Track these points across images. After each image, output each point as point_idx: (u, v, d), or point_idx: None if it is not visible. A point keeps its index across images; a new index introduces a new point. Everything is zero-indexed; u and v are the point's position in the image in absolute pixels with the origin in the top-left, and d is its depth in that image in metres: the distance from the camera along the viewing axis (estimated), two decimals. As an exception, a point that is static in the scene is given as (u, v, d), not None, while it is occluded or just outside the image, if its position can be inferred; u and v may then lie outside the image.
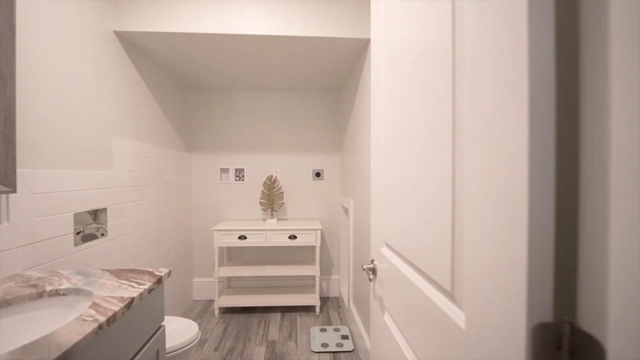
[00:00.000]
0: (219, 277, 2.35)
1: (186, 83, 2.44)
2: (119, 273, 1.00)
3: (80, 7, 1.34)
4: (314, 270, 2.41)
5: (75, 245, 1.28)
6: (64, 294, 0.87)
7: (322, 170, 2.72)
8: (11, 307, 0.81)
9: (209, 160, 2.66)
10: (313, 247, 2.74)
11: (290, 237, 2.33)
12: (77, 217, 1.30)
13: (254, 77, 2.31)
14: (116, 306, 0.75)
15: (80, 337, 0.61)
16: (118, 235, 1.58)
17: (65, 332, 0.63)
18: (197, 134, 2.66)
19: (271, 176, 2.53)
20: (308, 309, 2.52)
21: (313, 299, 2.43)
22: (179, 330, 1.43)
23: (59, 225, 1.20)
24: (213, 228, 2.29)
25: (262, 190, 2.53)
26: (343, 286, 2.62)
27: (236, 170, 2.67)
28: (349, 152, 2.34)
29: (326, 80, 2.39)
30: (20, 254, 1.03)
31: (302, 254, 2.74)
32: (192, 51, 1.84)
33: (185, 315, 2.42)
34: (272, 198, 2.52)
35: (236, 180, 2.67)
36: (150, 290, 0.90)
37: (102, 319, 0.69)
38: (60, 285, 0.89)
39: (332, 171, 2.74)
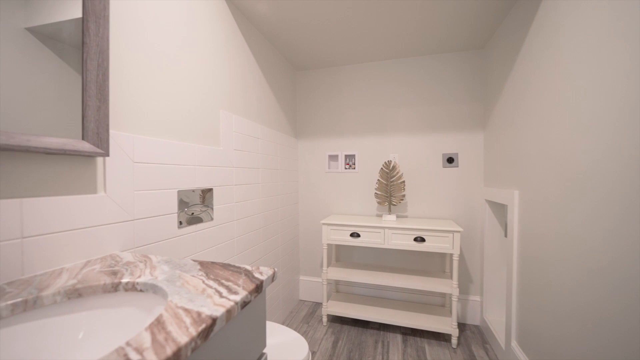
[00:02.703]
0: (328, 279, 2.02)
1: (293, 60, 2.23)
2: (210, 268, 0.71)
3: (188, -41, 1.18)
4: (448, 286, 1.79)
5: (180, 227, 1.11)
6: (141, 290, 0.61)
7: (457, 154, 2.06)
8: (81, 299, 0.59)
9: (316, 146, 2.39)
10: (445, 255, 2.10)
11: (416, 240, 1.79)
12: (182, 195, 1.13)
13: (368, 41, 1.88)
14: (185, 334, 0.42)
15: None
16: (224, 221, 1.40)
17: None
18: (304, 117, 2.42)
19: (389, 162, 2.04)
20: (438, 336, 1.90)
21: (447, 325, 1.81)
22: (286, 348, 1.10)
23: (162, 203, 1.04)
24: (322, 222, 1.97)
25: (378, 179, 2.07)
26: (491, 313, 1.88)
27: (346, 157, 2.31)
28: (503, 127, 1.63)
29: (462, 31, 1.74)
30: (118, 231, 0.87)
31: (427, 263, 2.14)
32: (298, 10, 1.54)
33: (291, 316, 2.19)
34: (390, 189, 2.03)
35: (346, 168, 2.30)
36: (244, 304, 0.56)
37: (152, 363, 0.35)
38: (140, 276, 0.64)
39: (471, 155, 2.04)
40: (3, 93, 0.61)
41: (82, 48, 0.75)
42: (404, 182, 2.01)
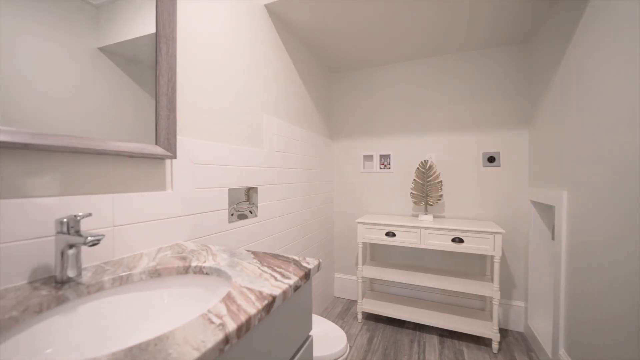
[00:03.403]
0: (363, 277, 2.06)
1: (328, 63, 2.30)
2: (262, 257, 0.80)
3: (237, -22, 1.30)
4: (489, 289, 1.74)
5: (229, 222, 1.23)
6: (206, 273, 0.72)
7: (498, 153, 1.99)
8: (160, 279, 0.71)
9: (351, 146, 2.43)
10: (485, 258, 2.03)
11: (454, 240, 1.76)
12: (232, 193, 1.25)
13: (404, 40, 1.88)
14: (252, 307, 0.50)
15: (195, 354, 0.36)
16: (267, 218, 1.50)
17: (181, 338, 0.40)
18: (339, 119, 2.48)
19: (425, 161, 2.03)
20: (478, 340, 1.85)
21: (487, 330, 1.76)
22: (326, 337, 1.17)
23: (216, 200, 1.16)
24: (357, 220, 2.01)
25: (414, 179, 2.06)
26: (536, 320, 1.80)
27: (381, 157, 2.32)
28: (551, 124, 1.55)
29: (505, 25, 1.68)
30: (181, 223, 1.00)
31: (466, 265, 2.09)
32: (337, 15, 1.60)
33: (326, 312, 2.26)
34: (426, 189, 2.02)
35: (381, 168, 2.32)
36: (296, 288, 0.63)
37: (232, 326, 0.43)
38: (205, 262, 0.75)
39: (514, 154, 1.95)
40: (89, 106, 0.74)
41: (155, 66, 0.88)
42: (441, 182, 1.98)
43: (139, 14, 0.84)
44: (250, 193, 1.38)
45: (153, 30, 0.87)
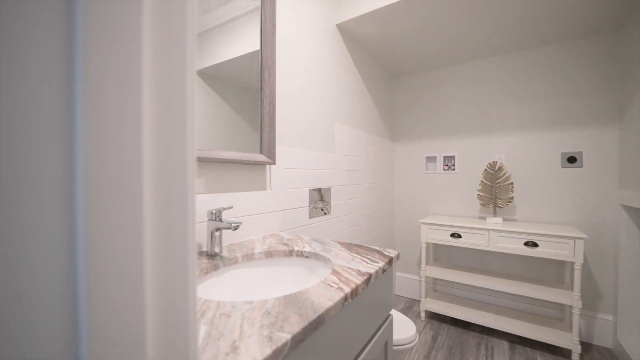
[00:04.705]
0: (426, 277, 2.10)
1: (390, 69, 2.38)
2: (348, 246, 0.96)
3: (313, 6, 1.50)
4: (568, 297, 1.65)
5: (310, 217, 1.43)
6: (306, 256, 0.90)
7: (580, 152, 1.85)
8: (272, 258, 0.92)
9: (413, 148, 2.48)
10: (564, 265, 1.91)
11: (526, 244, 1.71)
12: (311, 193, 1.44)
13: (475, 39, 1.88)
14: (356, 279, 0.66)
15: (330, 303, 0.53)
16: (338, 215, 1.67)
17: (315, 293, 0.58)
18: (401, 121, 2.55)
19: (494, 162, 1.99)
20: (555, 350, 1.76)
21: (566, 340, 1.66)
22: (396, 324, 1.29)
23: (299, 198, 1.36)
24: (421, 221, 2.07)
25: (482, 181, 2.04)
26: (628, 335, 1.64)
27: (445, 158, 2.33)
28: (647, 117, 1.42)
29: (590, 14, 1.57)
30: (276, 217, 1.22)
31: (539, 271, 1.98)
32: (402, 26, 1.69)
33: (389, 308, 2.35)
34: (495, 191, 1.98)
35: (445, 169, 2.33)
36: (383, 270, 0.77)
37: (347, 289, 0.60)
38: (303, 247, 0.93)
39: (601, 153, 1.80)
40: (215, 127, 0.99)
41: (260, 92, 1.11)
42: (512, 183, 1.92)
43: (229, 42, 1.07)
44: (323, 193, 1.56)
45: (242, 53, 1.10)
